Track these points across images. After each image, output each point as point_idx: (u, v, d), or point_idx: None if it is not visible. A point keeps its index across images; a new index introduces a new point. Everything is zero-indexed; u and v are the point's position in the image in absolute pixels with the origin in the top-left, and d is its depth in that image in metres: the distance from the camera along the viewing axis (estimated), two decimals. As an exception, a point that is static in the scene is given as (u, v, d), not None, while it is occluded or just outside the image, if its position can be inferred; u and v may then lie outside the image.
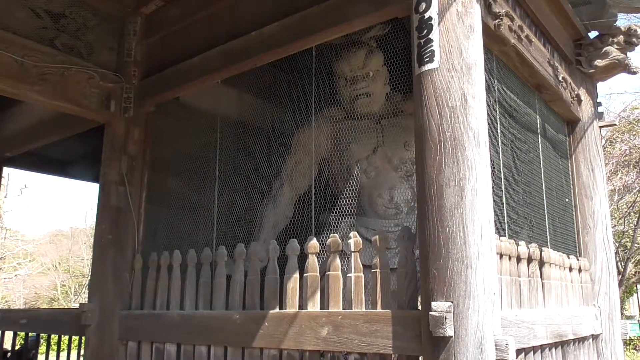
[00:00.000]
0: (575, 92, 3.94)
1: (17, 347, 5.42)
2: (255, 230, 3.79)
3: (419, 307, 2.35)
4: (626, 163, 12.14)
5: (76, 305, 7.33)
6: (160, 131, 4.00)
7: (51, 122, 4.51)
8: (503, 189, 2.86)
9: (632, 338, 13.57)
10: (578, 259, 3.71)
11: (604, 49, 3.96)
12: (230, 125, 3.74)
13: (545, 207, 3.44)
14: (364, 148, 3.83)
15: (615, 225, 11.85)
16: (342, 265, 2.72)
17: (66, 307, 16.44)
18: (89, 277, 3.98)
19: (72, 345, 5.22)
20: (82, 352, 4.37)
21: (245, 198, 3.52)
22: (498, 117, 2.95)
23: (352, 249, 2.66)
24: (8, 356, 5.19)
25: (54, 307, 18.00)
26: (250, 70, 3.38)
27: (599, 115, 4.25)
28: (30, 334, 5.09)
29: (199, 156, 3.76)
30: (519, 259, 2.83)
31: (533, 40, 3.27)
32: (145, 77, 3.95)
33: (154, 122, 3.98)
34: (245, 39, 3.31)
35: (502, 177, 2.88)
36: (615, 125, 4.95)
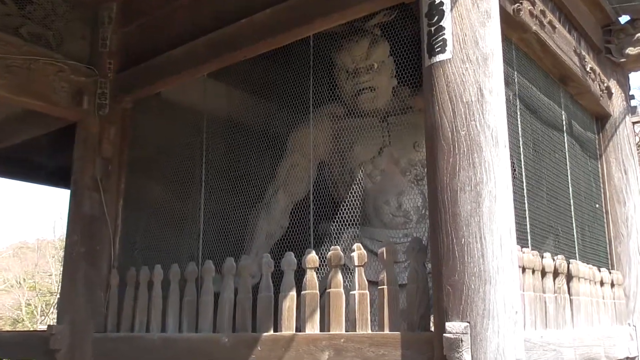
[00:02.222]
0: (605, 84, 3.96)
1: None
2: (247, 242, 3.79)
3: (432, 328, 2.35)
4: (663, 163, 12.18)
5: (44, 327, 7.29)
6: (140, 130, 4.01)
7: (16, 120, 4.52)
8: (525, 194, 2.87)
9: (672, 360, 13.58)
10: (610, 272, 3.73)
11: (637, 35, 3.98)
12: (218, 124, 3.75)
13: (573, 214, 3.45)
14: (369, 149, 3.85)
15: (651, 233, 11.86)
16: (344, 282, 2.72)
17: (32, 329, 16.41)
18: (59, 296, 3.98)
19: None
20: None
21: (235, 206, 3.53)
22: (519, 114, 2.97)
23: (356, 263, 2.66)
24: None
25: (18, 329, 17.97)
26: (240, 63, 3.40)
27: (632, 110, 4.28)
28: None
29: (183, 158, 3.77)
30: (543, 273, 2.84)
31: (557, 26, 3.29)
32: (122, 70, 3.96)
33: (132, 120, 4.00)
34: (234, 27, 3.32)
35: (524, 180, 2.89)
36: (650, 121, 4.97)
